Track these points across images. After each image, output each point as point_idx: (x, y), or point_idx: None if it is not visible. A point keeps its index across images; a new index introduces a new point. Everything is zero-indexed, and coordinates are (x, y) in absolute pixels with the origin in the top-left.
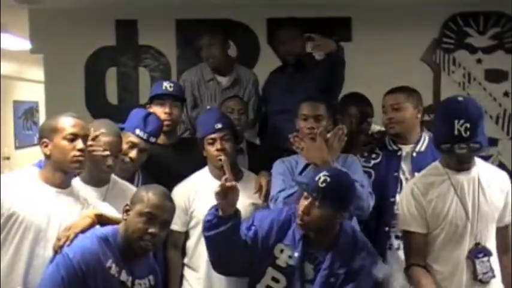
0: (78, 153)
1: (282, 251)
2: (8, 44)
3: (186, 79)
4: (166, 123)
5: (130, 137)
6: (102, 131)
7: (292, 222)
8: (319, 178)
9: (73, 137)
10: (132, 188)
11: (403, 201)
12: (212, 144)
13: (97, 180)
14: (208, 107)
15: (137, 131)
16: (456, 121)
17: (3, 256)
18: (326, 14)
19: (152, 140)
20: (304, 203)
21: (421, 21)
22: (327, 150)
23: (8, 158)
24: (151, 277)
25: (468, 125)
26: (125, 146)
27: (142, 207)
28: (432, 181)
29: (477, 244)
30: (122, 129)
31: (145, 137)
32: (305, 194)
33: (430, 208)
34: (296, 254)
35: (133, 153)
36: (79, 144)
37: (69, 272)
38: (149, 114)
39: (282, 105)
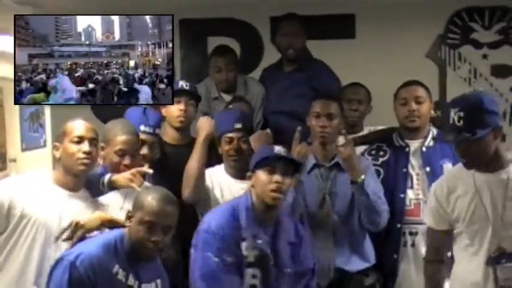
0: (83, 155)
1: (247, 248)
2: (11, 47)
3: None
4: (180, 119)
5: None
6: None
7: (239, 217)
8: (278, 150)
9: (79, 140)
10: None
11: (428, 198)
12: (229, 143)
13: None
14: (230, 106)
15: (142, 127)
16: (452, 110)
17: (15, 258)
18: (330, 11)
19: (157, 131)
20: (274, 177)
21: (426, 17)
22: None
23: (14, 160)
24: (158, 281)
25: (462, 114)
26: None
27: (142, 215)
28: (457, 181)
29: (499, 249)
30: None
31: (151, 130)
32: (267, 170)
33: (449, 208)
34: (260, 241)
35: (144, 150)
36: (84, 146)
37: (76, 279)
38: (145, 108)
39: (279, 106)
